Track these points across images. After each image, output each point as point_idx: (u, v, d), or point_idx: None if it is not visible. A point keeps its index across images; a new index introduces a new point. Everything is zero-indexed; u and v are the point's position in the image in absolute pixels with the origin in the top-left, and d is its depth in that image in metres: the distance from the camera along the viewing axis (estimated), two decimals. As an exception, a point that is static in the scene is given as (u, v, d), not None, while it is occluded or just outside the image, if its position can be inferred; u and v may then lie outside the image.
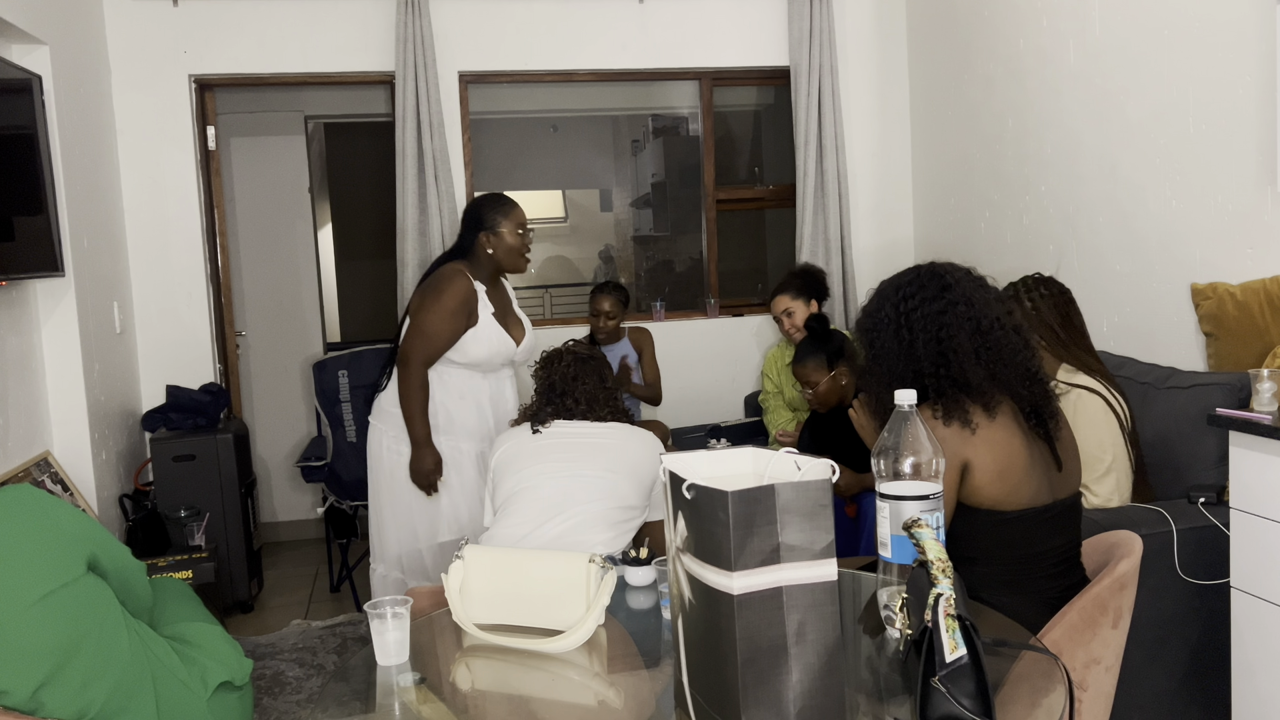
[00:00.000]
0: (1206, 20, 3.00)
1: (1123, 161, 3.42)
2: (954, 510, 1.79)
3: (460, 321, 3.09)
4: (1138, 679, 2.41)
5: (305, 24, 4.42)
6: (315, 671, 3.44)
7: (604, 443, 2.50)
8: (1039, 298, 2.69)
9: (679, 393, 4.66)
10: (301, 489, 5.22)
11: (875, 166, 4.94)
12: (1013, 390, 1.82)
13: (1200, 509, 2.48)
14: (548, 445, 2.50)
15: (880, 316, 1.90)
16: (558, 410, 2.55)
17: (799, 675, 1.24)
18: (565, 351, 2.63)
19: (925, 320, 1.84)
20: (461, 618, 1.80)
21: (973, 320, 1.83)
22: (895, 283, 1.92)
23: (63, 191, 3.48)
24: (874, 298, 1.95)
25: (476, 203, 3.28)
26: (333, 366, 4.27)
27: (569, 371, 2.57)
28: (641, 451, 2.50)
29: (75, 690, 1.76)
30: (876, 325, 1.91)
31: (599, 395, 2.57)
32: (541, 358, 2.67)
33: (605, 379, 2.61)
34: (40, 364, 3.54)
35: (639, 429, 2.59)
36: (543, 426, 2.53)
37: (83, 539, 1.84)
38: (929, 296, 1.86)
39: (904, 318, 1.86)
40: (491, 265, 3.21)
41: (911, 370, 1.83)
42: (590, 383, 2.57)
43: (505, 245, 3.18)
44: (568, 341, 2.74)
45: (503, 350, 3.19)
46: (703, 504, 1.28)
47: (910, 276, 1.91)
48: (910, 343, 1.84)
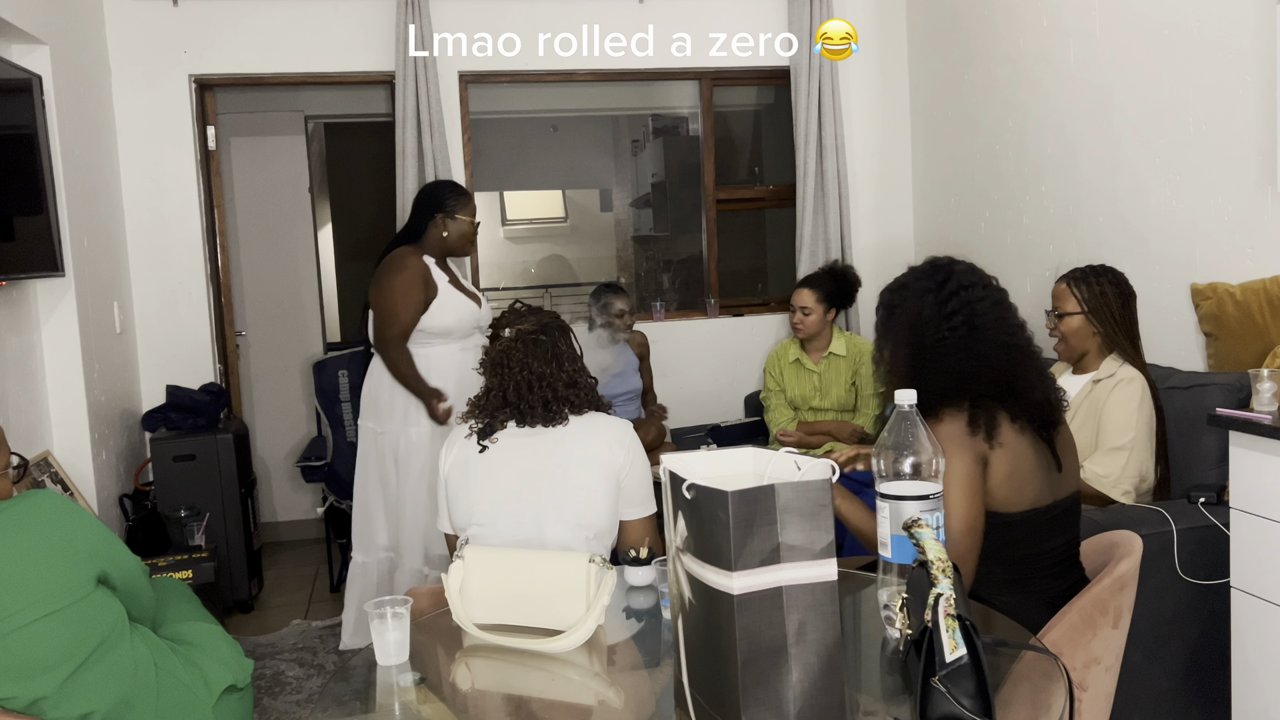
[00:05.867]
0: (1206, 20, 3.00)
1: (1123, 161, 3.42)
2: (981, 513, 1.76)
3: (418, 294, 3.30)
4: (1138, 679, 2.41)
5: (305, 24, 4.41)
6: (315, 671, 3.44)
7: (560, 451, 2.18)
8: (1108, 284, 2.80)
9: (679, 393, 4.66)
10: (301, 489, 5.22)
11: (875, 166, 4.93)
12: (1037, 404, 1.82)
13: (1200, 509, 2.48)
14: (497, 465, 2.18)
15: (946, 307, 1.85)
16: (510, 415, 2.21)
17: (799, 675, 1.24)
18: (513, 345, 2.22)
19: (993, 326, 1.84)
20: (461, 618, 1.80)
21: (1012, 337, 1.85)
22: (962, 280, 1.87)
23: (63, 191, 3.48)
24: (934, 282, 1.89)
25: (436, 186, 3.52)
26: (333, 366, 4.27)
27: (521, 377, 2.19)
28: (603, 450, 2.18)
29: (78, 701, 1.76)
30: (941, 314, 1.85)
31: (557, 391, 2.19)
32: (487, 356, 2.28)
33: (563, 358, 2.23)
34: (40, 364, 3.54)
35: (596, 420, 2.24)
36: (488, 441, 2.20)
37: (95, 554, 1.83)
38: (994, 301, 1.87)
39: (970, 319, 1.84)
40: (441, 247, 3.44)
41: (971, 370, 1.80)
42: (548, 377, 2.19)
43: (460, 230, 3.43)
44: (516, 303, 2.38)
45: (469, 313, 3.40)
46: (703, 504, 1.28)
47: (969, 280, 1.87)
48: (975, 342, 1.82)
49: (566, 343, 2.27)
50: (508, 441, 2.20)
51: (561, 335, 2.27)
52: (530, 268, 6.97)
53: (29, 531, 1.77)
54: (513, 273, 7.08)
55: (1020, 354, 1.86)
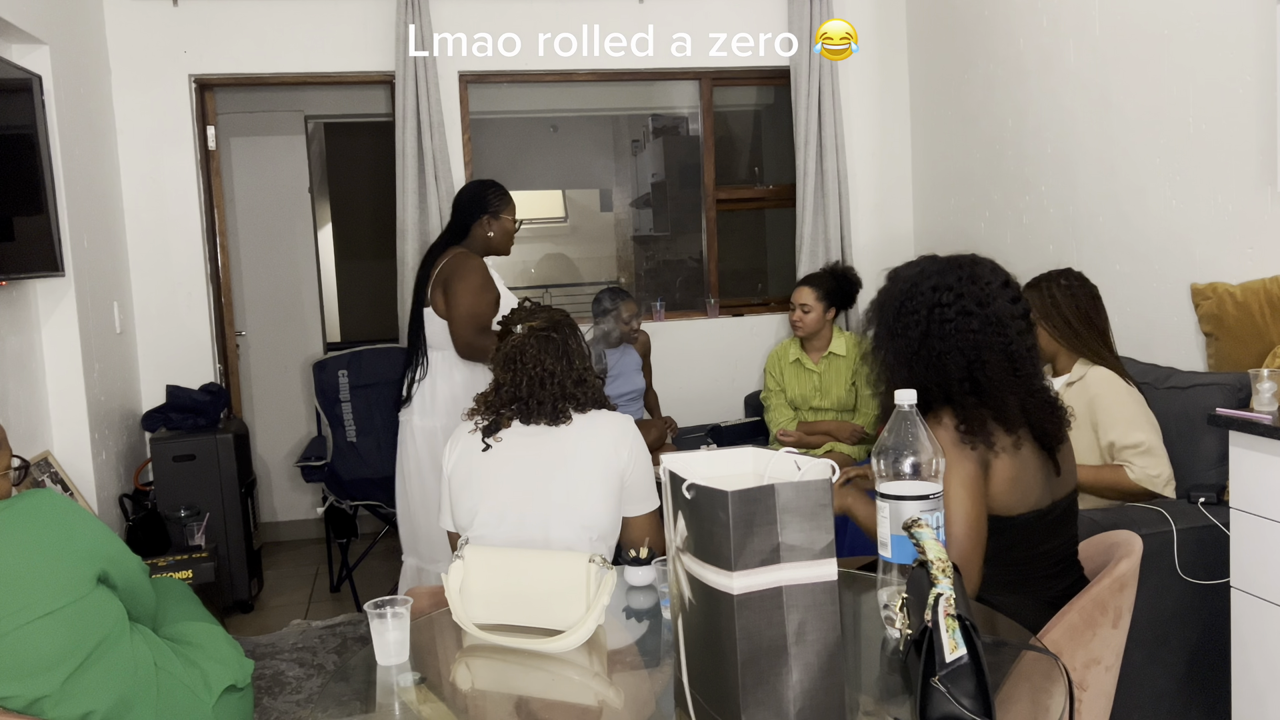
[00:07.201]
0: (1206, 20, 3.00)
1: (1123, 161, 3.42)
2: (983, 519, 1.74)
3: (493, 292, 3.32)
4: (1138, 679, 2.41)
5: (305, 24, 4.41)
6: (315, 671, 3.44)
7: (564, 451, 2.18)
8: (1059, 289, 2.73)
9: (679, 393, 4.66)
10: (301, 489, 5.22)
11: (875, 166, 4.93)
12: (1035, 418, 1.79)
13: (1200, 509, 2.48)
14: (500, 464, 2.18)
15: (910, 316, 1.81)
16: (517, 412, 2.20)
17: (799, 675, 1.24)
18: (526, 341, 2.22)
19: (959, 336, 1.76)
20: (461, 618, 1.80)
21: (1003, 345, 1.77)
22: (934, 282, 1.80)
23: (63, 191, 3.48)
24: (903, 285, 1.84)
25: (479, 187, 3.52)
26: (333, 366, 4.27)
27: (534, 373, 2.19)
28: (608, 449, 2.19)
29: (78, 700, 1.76)
30: (902, 321, 1.82)
31: (565, 389, 2.20)
32: (499, 352, 2.27)
33: (573, 355, 2.24)
34: (40, 364, 3.54)
35: (599, 418, 2.24)
36: (492, 440, 2.19)
37: (95, 554, 1.83)
38: (966, 310, 1.77)
39: (936, 326, 1.78)
40: (486, 247, 3.45)
41: (937, 383, 1.77)
42: (559, 374, 2.20)
43: (504, 230, 3.47)
44: (525, 300, 2.41)
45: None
46: (703, 504, 1.28)
47: (951, 281, 1.80)
48: (940, 354, 1.77)
49: (576, 340, 2.28)
50: (512, 440, 2.19)
51: (572, 333, 2.28)
52: (530, 267, 6.96)
53: (29, 531, 1.77)
54: (513, 272, 7.07)
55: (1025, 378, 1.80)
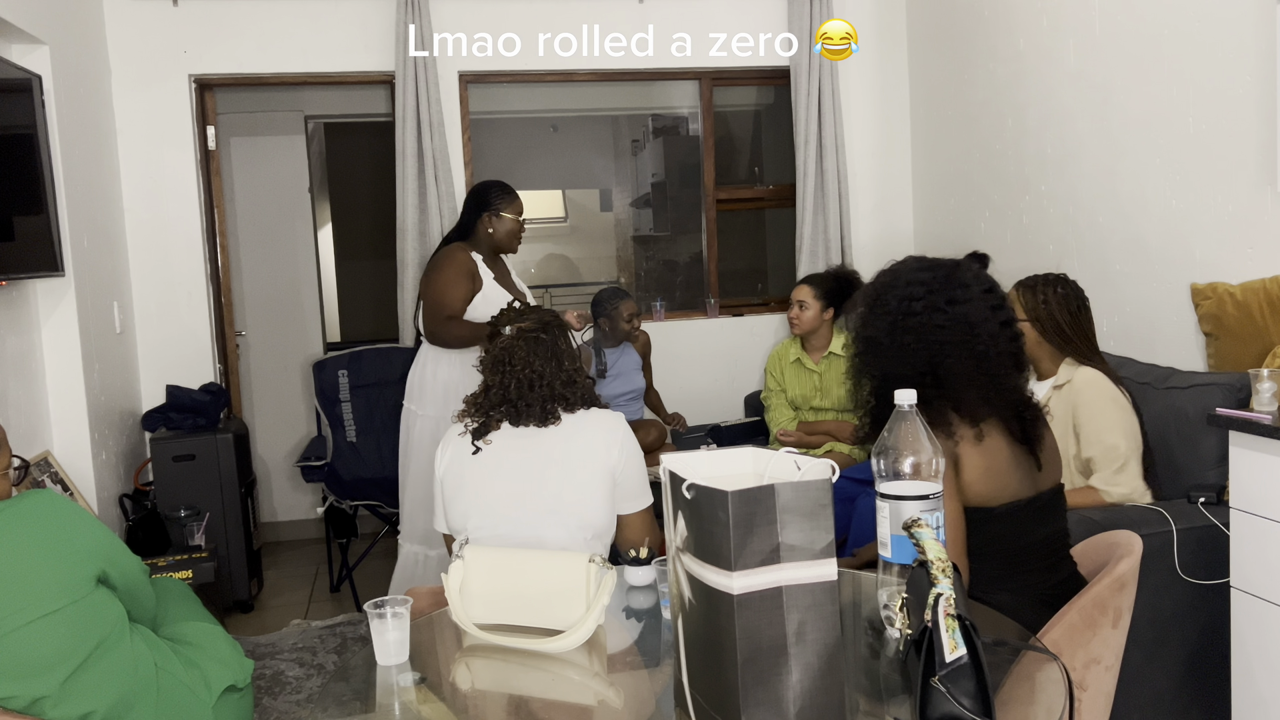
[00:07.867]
0: (1206, 20, 2.99)
1: (1123, 161, 3.42)
2: (959, 508, 1.77)
3: (464, 286, 3.46)
4: (1138, 679, 2.41)
5: (305, 24, 4.41)
6: (315, 671, 3.43)
7: (555, 451, 2.17)
8: (1051, 294, 2.77)
9: (679, 393, 4.66)
10: (301, 489, 5.22)
11: (875, 166, 4.93)
12: (1001, 413, 1.82)
13: (1200, 509, 2.48)
14: (491, 467, 2.17)
15: (881, 307, 1.89)
16: (506, 414, 2.20)
17: (799, 675, 1.24)
18: (515, 343, 2.21)
19: (923, 330, 1.83)
20: (461, 618, 1.80)
21: (969, 344, 1.82)
22: (908, 278, 1.88)
23: (63, 191, 3.48)
24: (883, 279, 1.92)
25: (484, 185, 3.64)
26: (333, 366, 4.27)
27: (523, 374, 2.17)
28: (599, 448, 2.17)
29: (78, 700, 1.76)
30: (874, 312, 1.90)
31: (554, 390, 2.19)
32: (487, 354, 2.26)
33: (562, 356, 2.22)
34: (40, 364, 3.54)
35: (589, 417, 2.23)
36: (481, 443, 2.18)
37: (95, 554, 1.83)
38: (934, 306, 1.83)
39: (903, 318, 1.85)
40: (490, 244, 3.59)
41: (900, 374, 1.81)
42: (548, 375, 2.19)
43: (505, 227, 3.58)
44: (513, 301, 2.40)
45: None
46: (703, 504, 1.28)
47: (925, 278, 1.87)
48: (904, 346, 1.84)
49: (566, 341, 2.27)
50: (502, 443, 2.18)
51: (561, 334, 2.27)
52: (530, 267, 6.96)
53: (29, 531, 1.77)
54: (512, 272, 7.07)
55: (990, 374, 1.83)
